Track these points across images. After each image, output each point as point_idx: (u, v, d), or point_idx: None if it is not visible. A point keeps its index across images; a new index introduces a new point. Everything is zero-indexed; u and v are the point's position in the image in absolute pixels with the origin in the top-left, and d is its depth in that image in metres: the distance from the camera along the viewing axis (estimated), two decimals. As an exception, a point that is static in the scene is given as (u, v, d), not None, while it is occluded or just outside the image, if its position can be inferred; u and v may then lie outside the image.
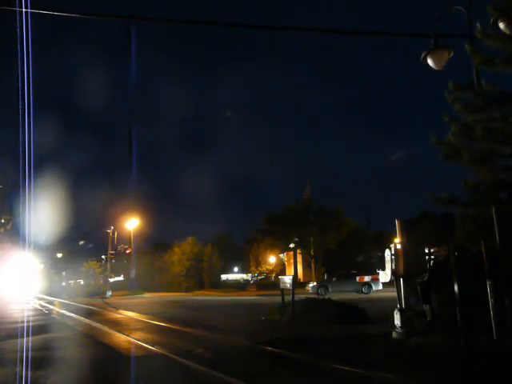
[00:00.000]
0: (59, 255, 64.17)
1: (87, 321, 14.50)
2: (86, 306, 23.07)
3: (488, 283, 7.10)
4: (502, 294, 7.08)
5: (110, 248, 43.23)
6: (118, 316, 17.12)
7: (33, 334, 10.51)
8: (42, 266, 64.53)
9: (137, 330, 11.83)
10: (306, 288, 28.45)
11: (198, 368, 6.37)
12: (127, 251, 43.57)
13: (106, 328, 12.01)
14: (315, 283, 29.15)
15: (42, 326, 13.07)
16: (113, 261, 44.86)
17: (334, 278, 29.26)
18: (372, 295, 25.02)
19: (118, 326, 12.89)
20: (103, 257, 51.39)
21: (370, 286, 26.97)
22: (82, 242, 64.20)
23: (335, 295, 19.21)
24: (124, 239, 46.64)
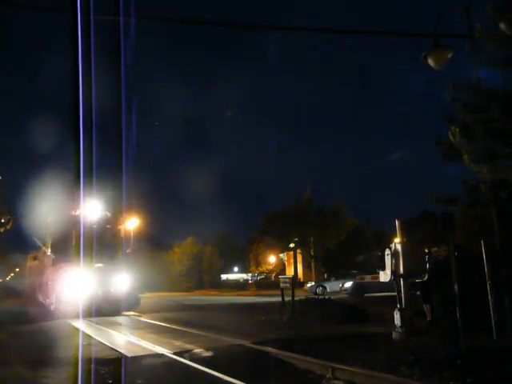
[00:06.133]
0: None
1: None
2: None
3: (488, 283, 7.11)
4: (502, 294, 7.09)
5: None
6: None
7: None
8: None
9: (136, 329, 11.83)
10: (305, 288, 28.44)
11: (196, 367, 6.37)
12: (127, 251, 43.43)
13: (106, 327, 12.01)
14: (313, 283, 29.13)
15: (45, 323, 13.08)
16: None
17: (333, 278, 29.20)
18: (371, 295, 24.87)
19: (118, 325, 12.88)
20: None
21: (370, 286, 26.89)
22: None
23: (334, 295, 19.18)
24: (124, 239, 46.50)
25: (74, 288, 14.81)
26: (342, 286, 24.62)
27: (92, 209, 16.79)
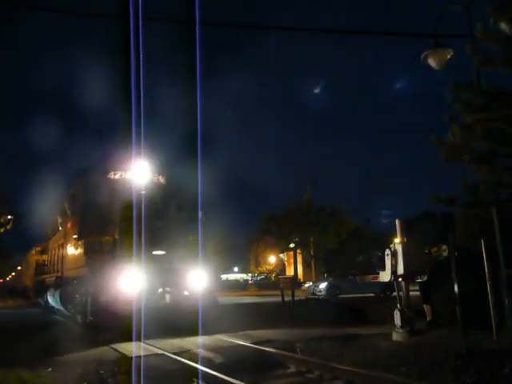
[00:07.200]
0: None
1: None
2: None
3: (488, 283, 7.11)
4: (502, 294, 7.09)
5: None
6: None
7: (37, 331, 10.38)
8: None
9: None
10: (302, 288, 28.37)
11: (194, 366, 6.35)
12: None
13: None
14: (311, 283, 29.07)
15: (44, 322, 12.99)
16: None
17: (331, 278, 28.99)
18: (346, 296, 24.16)
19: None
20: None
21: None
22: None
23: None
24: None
25: (121, 289, 9.07)
26: (317, 287, 24.29)
27: (140, 171, 10.67)
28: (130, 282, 9.14)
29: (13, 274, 51.33)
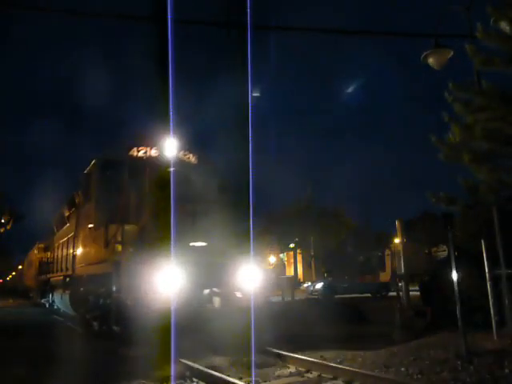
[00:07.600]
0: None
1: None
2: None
3: (488, 283, 7.11)
4: (502, 293, 7.09)
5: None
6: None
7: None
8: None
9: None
10: (301, 288, 28.43)
11: (192, 365, 6.33)
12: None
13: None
14: (310, 283, 29.10)
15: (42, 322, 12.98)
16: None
17: (330, 279, 28.98)
18: (342, 296, 23.90)
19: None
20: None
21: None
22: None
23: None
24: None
25: (154, 290, 7.06)
26: (314, 287, 24.46)
27: (168, 147, 8.88)
28: (165, 280, 7.06)
29: (13, 273, 51.24)
